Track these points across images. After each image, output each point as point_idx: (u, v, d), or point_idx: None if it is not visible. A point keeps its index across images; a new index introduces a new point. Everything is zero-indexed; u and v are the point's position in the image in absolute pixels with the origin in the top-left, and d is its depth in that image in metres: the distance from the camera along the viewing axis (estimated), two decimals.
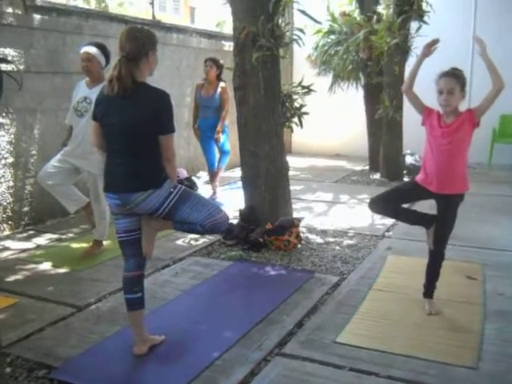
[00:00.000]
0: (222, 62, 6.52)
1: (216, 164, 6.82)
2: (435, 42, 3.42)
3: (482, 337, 3.17)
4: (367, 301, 3.70)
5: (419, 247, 4.34)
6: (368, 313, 3.51)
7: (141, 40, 2.80)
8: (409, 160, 8.04)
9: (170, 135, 2.82)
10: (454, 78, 3.26)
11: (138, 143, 2.79)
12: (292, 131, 5.44)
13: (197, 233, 3.01)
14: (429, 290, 3.57)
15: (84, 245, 4.86)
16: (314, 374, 2.79)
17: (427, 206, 3.77)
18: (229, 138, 6.63)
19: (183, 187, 2.90)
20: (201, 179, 7.91)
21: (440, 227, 3.44)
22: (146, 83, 2.81)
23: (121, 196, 2.79)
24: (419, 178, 3.48)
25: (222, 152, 6.66)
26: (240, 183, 5.38)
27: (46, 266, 4.41)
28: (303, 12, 5.09)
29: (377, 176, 8.26)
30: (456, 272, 4.14)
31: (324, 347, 3.05)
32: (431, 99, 3.37)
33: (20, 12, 5.33)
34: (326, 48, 8.57)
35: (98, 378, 2.77)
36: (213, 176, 6.75)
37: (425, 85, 3.53)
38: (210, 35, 8.70)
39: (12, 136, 5.38)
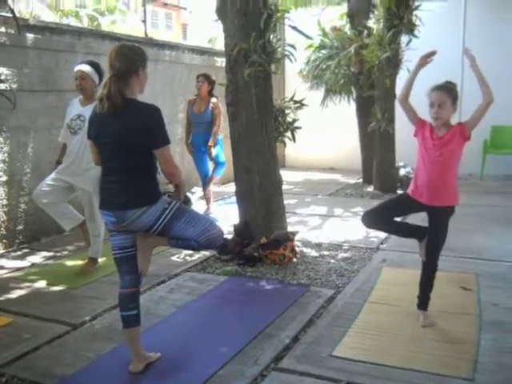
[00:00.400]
0: (213, 77, 6.57)
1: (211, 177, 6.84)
2: (432, 53, 3.45)
3: (478, 348, 3.18)
4: (363, 314, 3.71)
5: (414, 259, 4.35)
6: (364, 326, 3.51)
7: (130, 57, 2.82)
8: (402, 172, 8.08)
9: (164, 148, 2.82)
10: (445, 92, 3.30)
11: (131, 160, 2.80)
12: (285, 145, 5.48)
13: (192, 248, 3.01)
14: (423, 302, 3.58)
15: (79, 262, 4.85)
16: None
17: (420, 219, 3.79)
18: (223, 149, 6.64)
19: (178, 203, 2.91)
20: (195, 195, 7.92)
21: (432, 239, 3.46)
22: (135, 100, 2.82)
23: (116, 213, 2.80)
24: (410, 189, 3.51)
25: (217, 163, 6.67)
26: (234, 198, 5.39)
27: (41, 284, 4.39)
28: (294, 28, 5.15)
29: (370, 189, 8.30)
30: (450, 283, 4.16)
31: (320, 361, 3.05)
32: (424, 112, 3.41)
33: (13, 31, 5.37)
34: (318, 63, 8.65)
35: None
36: (206, 185, 6.74)
37: (418, 98, 3.56)
38: (202, 51, 8.77)
39: (6, 154, 5.39)
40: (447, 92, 3.31)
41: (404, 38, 7.55)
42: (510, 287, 4.13)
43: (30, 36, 5.56)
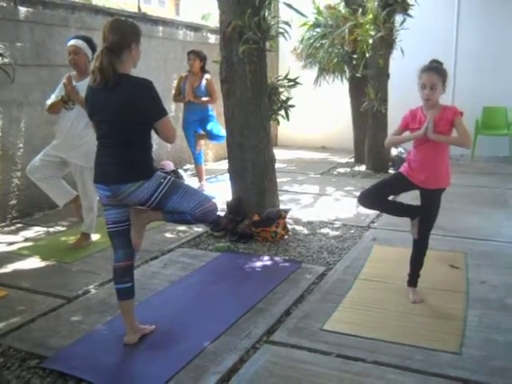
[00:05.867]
0: (204, 53, 6.54)
1: (202, 159, 6.86)
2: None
3: (465, 323, 3.25)
4: (353, 290, 3.77)
5: (403, 237, 4.43)
6: (354, 301, 3.58)
7: (124, 31, 2.82)
8: (394, 152, 8.13)
9: (163, 119, 2.84)
10: (436, 74, 3.31)
11: (126, 135, 2.81)
12: (278, 124, 5.49)
13: (187, 222, 3.04)
14: (413, 279, 3.65)
15: (72, 237, 4.87)
16: (302, 360, 2.85)
17: (410, 197, 3.85)
18: (219, 124, 6.63)
19: (172, 178, 2.94)
20: (187, 172, 7.94)
21: (424, 218, 3.51)
22: (128, 74, 2.83)
23: (111, 187, 2.82)
24: (404, 170, 3.53)
25: (213, 136, 6.67)
26: (227, 175, 5.42)
27: (35, 258, 4.42)
28: (289, 5, 5.12)
29: (362, 168, 8.35)
30: (439, 261, 4.23)
31: (311, 335, 3.12)
32: (416, 91, 3.42)
33: (5, 4, 5.32)
34: (312, 41, 8.61)
35: (89, 367, 2.80)
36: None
37: (409, 78, 3.58)
38: (196, 28, 8.71)
39: None
40: (438, 74, 3.32)
41: (398, 18, 7.54)
42: (497, 265, 4.21)
43: (22, 9, 5.51)
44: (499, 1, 8.91)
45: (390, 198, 3.75)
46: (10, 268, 4.22)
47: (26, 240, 4.95)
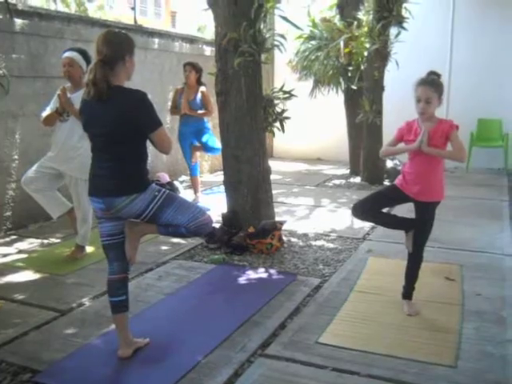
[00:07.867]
0: (200, 65, 6.55)
1: (197, 171, 6.86)
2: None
3: (461, 336, 3.24)
4: (349, 302, 3.76)
5: (399, 249, 4.42)
6: (349, 314, 3.57)
7: (117, 44, 2.82)
8: (389, 164, 8.14)
9: (158, 130, 2.83)
10: (432, 87, 3.30)
11: (121, 147, 2.81)
12: (274, 136, 5.50)
13: (181, 236, 3.04)
14: (407, 292, 3.64)
15: (66, 250, 4.85)
16: (297, 374, 2.83)
17: (405, 210, 3.85)
18: (214, 136, 6.64)
19: (167, 191, 2.93)
20: (183, 184, 7.93)
21: (419, 231, 3.51)
22: (122, 87, 2.82)
23: (105, 200, 2.81)
24: (398, 182, 3.54)
25: (208, 148, 6.69)
26: (222, 187, 5.41)
27: (29, 270, 4.39)
28: (285, 18, 5.15)
29: (357, 180, 8.35)
30: (435, 273, 4.22)
31: (306, 348, 3.10)
32: (411, 103, 3.43)
33: (1, 16, 5.32)
34: (307, 53, 8.64)
35: (82, 381, 2.78)
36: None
37: (404, 91, 3.59)
38: (191, 40, 8.74)
39: None
40: (434, 87, 3.30)
41: (393, 30, 7.59)
42: (493, 278, 4.21)
43: (18, 21, 5.51)
44: (493, 14, 8.98)
45: (385, 210, 3.75)
46: (3, 280, 4.20)
47: (21, 252, 4.92)
